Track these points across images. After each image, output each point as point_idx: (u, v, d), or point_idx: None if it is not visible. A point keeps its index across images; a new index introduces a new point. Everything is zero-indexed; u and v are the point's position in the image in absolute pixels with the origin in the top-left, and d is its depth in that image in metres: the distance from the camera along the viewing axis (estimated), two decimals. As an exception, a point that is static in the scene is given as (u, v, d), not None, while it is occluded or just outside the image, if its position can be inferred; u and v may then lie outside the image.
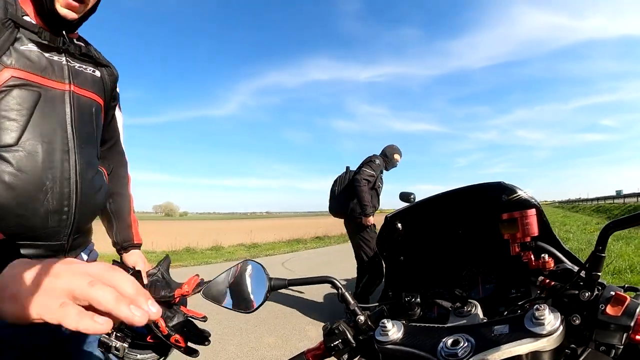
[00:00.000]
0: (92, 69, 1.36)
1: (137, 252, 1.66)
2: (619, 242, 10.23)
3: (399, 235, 1.09)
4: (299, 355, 0.95)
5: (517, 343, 0.66)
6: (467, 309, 0.86)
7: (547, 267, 0.82)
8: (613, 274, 6.60)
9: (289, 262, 11.49)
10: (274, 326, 5.16)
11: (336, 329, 0.92)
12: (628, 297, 0.65)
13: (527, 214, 0.85)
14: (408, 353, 0.76)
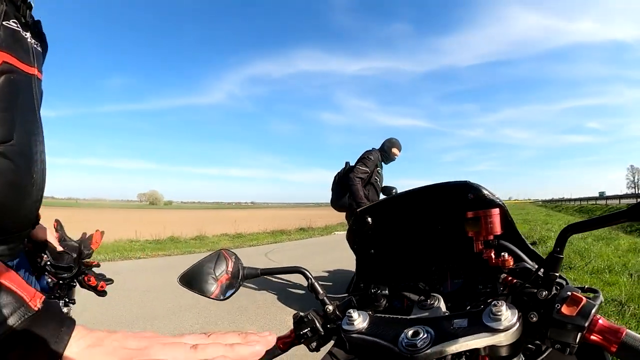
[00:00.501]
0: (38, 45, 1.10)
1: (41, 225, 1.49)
2: (599, 242, 10.33)
3: (369, 229, 1.12)
4: None
5: (475, 337, 0.68)
6: (430, 302, 0.88)
7: (507, 265, 0.84)
8: (592, 273, 6.66)
9: (272, 253, 11.48)
10: (255, 316, 5.19)
11: (305, 318, 0.97)
12: (584, 298, 0.67)
13: (490, 213, 0.88)
14: (371, 342, 0.79)
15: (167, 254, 11.31)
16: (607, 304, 4.76)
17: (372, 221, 1.12)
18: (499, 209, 0.90)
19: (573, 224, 0.69)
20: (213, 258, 1.10)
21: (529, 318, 0.71)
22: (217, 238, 16.35)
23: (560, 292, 0.70)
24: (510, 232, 0.94)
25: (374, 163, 5.73)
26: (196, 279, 1.07)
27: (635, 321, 4.15)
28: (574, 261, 7.60)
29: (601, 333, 0.65)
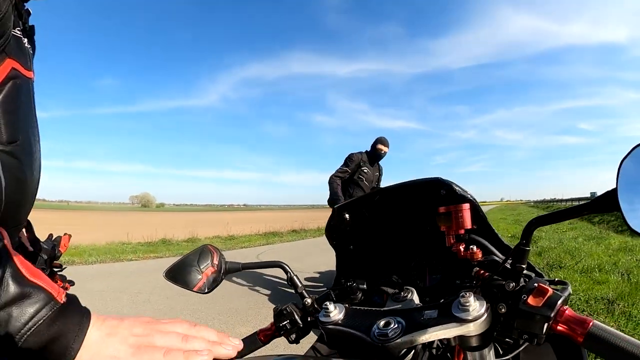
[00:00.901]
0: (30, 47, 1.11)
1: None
2: (590, 242, 10.41)
3: (347, 225, 1.14)
4: (252, 335, 1.02)
5: (443, 327, 0.71)
6: (403, 294, 0.92)
7: (475, 258, 0.86)
8: (582, 272, 6.70)
9: (264, 255, 11.47)
10: (246, 316, 5.20)
11: (284, 310, 1.01)
12: (550, 289, 0.68)
13: (461, 208, 0.90)
14: (346, 333, 0.82)
15: (159, 256, 11.27)
16: (597, 302, 4.81)
17: (349, 217, 1.14)
18: (470, 204, 0.92)
19: (538, 217, 0.72)
20: (197, 253, 1.13)
21: (497, 309, 0.72)
22: (209, 240, 16.29)
23: (528, 284, 0.72)
24: (483, 227, 0.96)
25: (356, 163, 6.14)
26: (181, 273, 1.10)
27: (625, 319, 4.18)
28: (564, 260, 7.66)
29: (567, 323, 0.66)
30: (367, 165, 6.19)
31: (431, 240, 1.02)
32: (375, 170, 6.33)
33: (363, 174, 6.13)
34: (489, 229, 0.96)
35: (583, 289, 5.42)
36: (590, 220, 16.80)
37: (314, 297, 1.02)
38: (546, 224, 0.71)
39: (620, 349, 0.60)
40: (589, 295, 5.09)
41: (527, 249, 0.73)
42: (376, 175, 6.35)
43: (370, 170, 6.21)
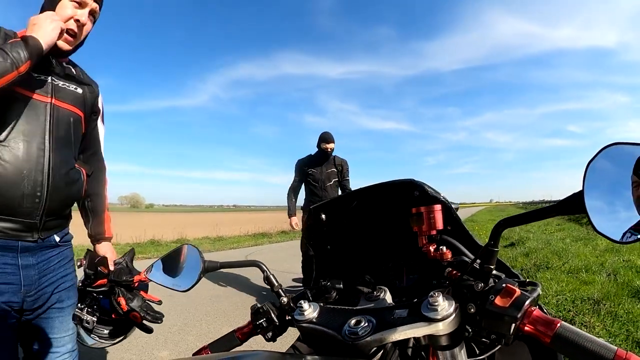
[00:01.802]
0: (74, 86, 1.73)
1: (107, 244, 2.04)
2: (577, 242, 10.48)
3: (323, 225, 1.16)
4: (230, 334, 1.07)
5: (412, 326, 0.72)
6: (376, 294, 0.94)
7: (445, 258, 0.87)
8: (569, 272, 6.74)
9: (253, 256, 11.42)
10: (234, 317, 5.19)
11: (261, 309, 1.04)
12: (518, 290, 0.69)
13: (433, 209, 0.90)
14: (319, 331, 0.84)
15: (147, 257, 11.20)
16: (583, 302, 4.84)
17: (325, 218, 1.16)
18: (441, 205, 0.93)
19: (505, 219, 0.72)
20: (177, 252, 1.18)
21: (467, 309, 0.73)
22: (198, 241, 16.27)
23: (496, 285, 0.73)
24: (456, 228, 0.97)
25: (299, 170, 6.23)
26: (161, 271, 1.16)
27: (611, 319, 4.22)
28: (551, 261, 7.70)
29: (535, 324, 0.67)
30: (313, 167, 6.14)
31: (407, 241, 1.02)
32: (329, 167, 6.17)
33: (310, 176, 6.12)
34: (463, 230, 0.96)
35: (570, 289, 5.46)
36: (578, 222, 16.92)
37: (290, 295, 1.03)
38: (514, 225, 0.72)
39: (587, 350, 0.61)
40: (575, 296, 5.13)
41: (495, 250, 0.73)
42: (329, 173, 6.16)
43: (318, 170, 6.13)
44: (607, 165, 0.61)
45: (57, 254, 1.75)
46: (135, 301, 1.73)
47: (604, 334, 3.83)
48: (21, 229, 1.56)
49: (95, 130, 1.98)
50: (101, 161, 2.06)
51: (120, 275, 1.77)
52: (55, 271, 1.72)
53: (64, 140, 1.67)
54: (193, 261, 1.11)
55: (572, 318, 4.38)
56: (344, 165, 6.29)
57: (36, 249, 1.63)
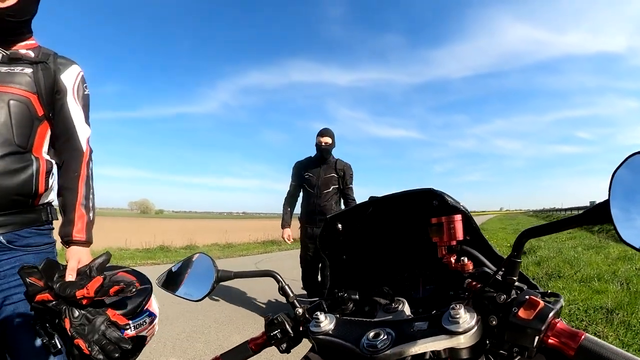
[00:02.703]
0: (20, 68, 1.61)
1: (77, 248, 1.66)
2: (589, 251, 10.40)
3: (339, 235, 1.14)
4: (243, 344, 1.03)
5: (433, 339, 0.70)
6: (394, 305, 0.91)
7: (466, 269, 0.85)
8: (581, 281, 6.68)
9: (262, 264, 11.42)
10: (242, 325, 5.18)
11: (276, 320, 1.00)
12: (541, 302, 0.68)
13: (453, 219, 0.88)
14: (336, 343, 0.82)
15: (157, 262, 11.25)
16: (596, 311, 4.79)
17: (342, 227, 1.13)
18: (462, 215, 0.91)
19: (529, 229, 0.71)
20: (189, 260, 1.16)
21: (488, 322, 0.72)
22: (207, 248, 16.30)
23: (519, 296, 0.71)
24: (476, 238, 0.95)
25: (295, 173, 5.63)
26: (173, 280, 1.14)
27: (624, 328, 4.16)
28: (563, 270, 7.63)
29: (559, 337, 0.66)
30: (310, 171, 5.44)
31: (424, 251, 1.01)
32: (328, 172, 5.39)
33: (305, 181, 5.46)
34: (482, 240, 0.95)
35: (582, 299, 5.41)
36: (589, 230, 16.79)
37: (305, 306, 1.02)
38: (537, 236, 0.71)
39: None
40: (587, 305, 5.07)
41: (518, 261, 0.72)
42: (327, 178, 5.38)
43: (315, 173, 5.40)
44: (632, 175, 0.60)
45: (9, 258, 1.56)
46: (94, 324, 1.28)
47: (617, 344, 3.76)
48: None
49: (63, 111, 1.74)
50: (77, 149, 1.77)
51: (65, 289, 1.30)
52: (7, 277, 1.55)
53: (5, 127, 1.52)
54: (206, 270, 1.09)
55: (585, 328, 4.32)
56: (347, 170, 5.46)
57: None
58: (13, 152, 1.54)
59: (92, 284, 1.28)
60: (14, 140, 1.55)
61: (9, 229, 1.57)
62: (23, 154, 1.58)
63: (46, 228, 1.72)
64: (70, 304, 1.29)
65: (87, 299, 1.28)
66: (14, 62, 1.61)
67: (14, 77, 1.58)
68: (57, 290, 1.30)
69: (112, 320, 1.30)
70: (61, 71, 1.72)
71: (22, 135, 1.58)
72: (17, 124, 1.56)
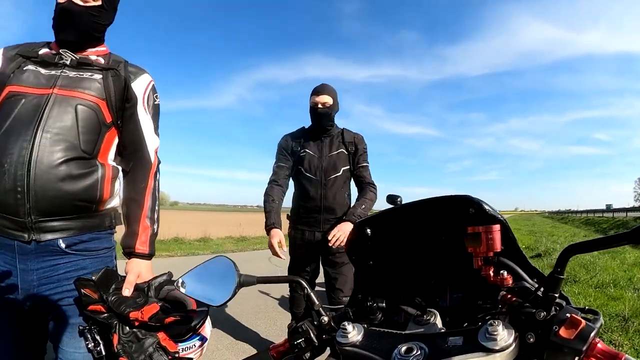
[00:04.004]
0: (90, 73, 1.62)
1: (138, 261, 1.67)
2: (605, 255, 10.27)
3: (368, 240, 1.09)
4: (264, 351, 0.99)
5: (469, 356, 0.67)
6: (426, 317, 0.87)
7: (505, 283, 0.81)
8: (596, 287, 6.61)
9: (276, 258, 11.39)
10: (255, 320, 5.21)
11: (300, 328, 0.97)
12: (583, 321, 0.65)
13: (491, 229, 0.84)
14: (364, 356, 0.78)
15: (171, 254, 11.32)
16: (611, 319, 4.72)
17: (371, 232, 1.09)
18: (500, 225, 0.86)
19: (574, 245, 0.68)
20: (211, 264, 1.11)
21: (526, 339, 0.69)
22: (221, 241, 16.37)
23: (559, 314, 0.68)
24: (511, 249, 0.90)
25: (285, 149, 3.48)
26: (193, 283, 1.09)
27: (639, 337, 4.10)
28: (579, 274, 7.55)
29: (599, 358, 0.63)
30: (307, 146, 3.39)
31: (457, 259, 0.97)
32: (334, 147, 3.37)
33: (301, 161, 3.38)
34: (518, 251, 0.90)
35: (598, 305, 5.34)
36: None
37: (331, 315, 0.98)
38: (583, 252, 0.68)
39: None
40: (603, 312, 4.99)
41: (561, 277, 0.69)
42: (334, 156, 3.35)
43: (316, 150, 3.37)
44: None
45: (66, 262, 1.54)
46: (143, 344, 1.30)
47: (632, 353, 3.72)
48: (13, 227, 1.45)
49: (133, 121, 1.73)
50: (144, 160, 1.78)
51: (119, 305, 1.33)
52: (60, 282, 1.52)
53: (62, 131, 1.50)
54: (227, 274, 1.05)
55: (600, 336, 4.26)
56: (359, 143, 3.44)
57: (35, 252, 1.48)
58: (78, 157, 1.53)
59: (148, 309, 1.32)
60: (79, 145, 1.53)
61: (70, 233, 1.55)
62: (89, 160, 1.57)
63: (107, 232, 1.70)
64: (122, 321, 1.32)
65: (138, 321, 1.30)
66: (83, 67, 1.62)
67: (83, 82, 1.59)
68: (111, 304, 1.33)
69: (162, 345, 1.32)
70: (132, 79, 1.72)
71: (89, 141, 1.57)
72: (84, 130, 1.55)
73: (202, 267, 1.11)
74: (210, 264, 1.11)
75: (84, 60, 1.63)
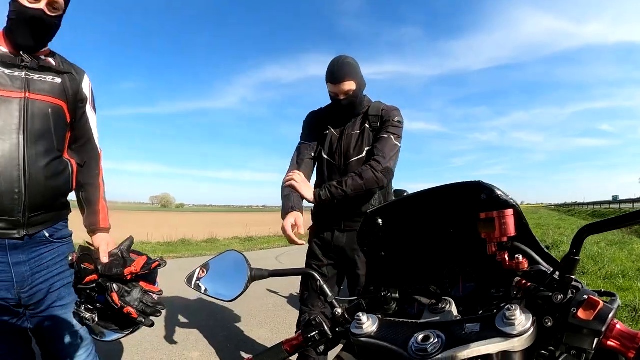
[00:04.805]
0: (52, 77, 1.74)
1: (103, 235, 1.91)
2: (613, 247, 10.22)
3: (379, 230, 1.07)
4: (277, 346, 0.97)
5: (487, 342, 0.67)
6: (441, 306, 0.87)
7: (521, 267, 0.81)
8: (605, 278, 6.59)
9: (283, 257, 11.45)
10: (265, 319, 5.21)
11: (314, 320, 0.96)
12: (601, 302, 0.65)
13: (504, 214, 0.83)
14: (380, 346, 0.78)
15: (178, 256, 11.34)
16: (621, 310, 4.69)
17: (382, 222, 1.07)
18: (513, 210, 0.86)
19: (590, 224, 0.68)
20: (221, 259, 1.12)
21: (543, 323, 0.69)
22: (228, 241, 16.38)
23: (577, 296, 0.68)
24: (524, 234, 0.89)
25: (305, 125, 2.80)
26: (204, 279, 1.09)
27: (649, 327, 4.08)
28: (587, 266, 7.52)
29: (618, 338, 0.63)
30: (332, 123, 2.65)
31: (468, 247, 0.97)
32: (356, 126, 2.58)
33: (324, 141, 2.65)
34: (531, 236, 0.90)
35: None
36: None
37: (344, 306, 0.98)
38: (600, 232, 0.67)
39: None
40: (612, 303, 4.97)
41: (577, 259, 0.69)
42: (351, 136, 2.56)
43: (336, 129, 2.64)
44: None
45: (50, 250, 1.77)
46: (132, 294, 1.57)
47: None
48: (5, 227, 1.59)
49: (84, 118, 1.93)
50: (94, 150, 1.99)
51: (111, 269, 1.58)
52: (49, 268, 1.75)
53: (42, 133, 1.66)
54: (239, 269, 1.04)
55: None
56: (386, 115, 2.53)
57: (25, 245, 1.66)
58: (56, 157, 1.73)
59: (138, 261, 1.61)
60: (55, 146, 1.73)
61: (50, 224, 1.76)
62: (61, 158, 1.77)
63: (67, 220, 1.92)
64: (115, 281, 1.56)
65: (131, 275, 1.57)
66: (45, 70, 1.72)
67: (47, 86, 1.71)
68: (103, 270, 1.57)
69: (147, 290, 1.60)
70: (82, 81, 1.88)
71: (59, 140, 1.76)
72: (56, 131, 1.73)
73: (212, 262, 1.11)
74: (220, 258, 1.11)
75: (44, 64, 1.73)
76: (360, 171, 2.32)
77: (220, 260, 1.12)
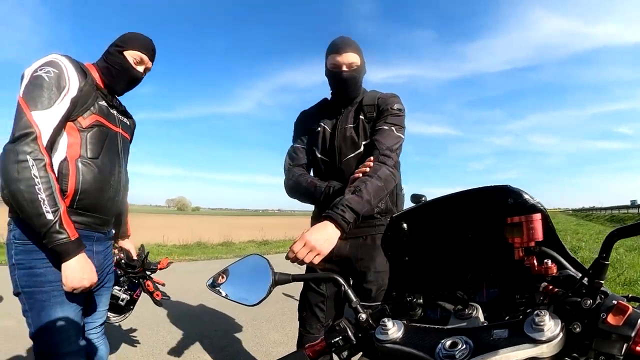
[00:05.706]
0: (126, 119, 2.24)
1: (129, 241, 2.78)
2: (632, 252, 10.09)
3: (404, 235, 1.07)
4: (299, 351, 0.96)
5: (515, 348, 0.66)
6: (468, 311, 0.86)
7: (550, 272, 0.80)
8: (624, 284, 6.51)
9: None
10: (281, 323, 5.20)
11: (337, 326, 0.94)
12: (630, 307, 0.64)
13: (532, 219, 0.83)
14: (406, 353, 0.77)
15: (194, 259, 11.43)
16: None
17: (407, 227, 1.07)
18: (541, 214, 0.85)
19: (620, 228, 0.67)
20: (243, 262, 1.11)
21: (572, 328, 0.68)
22: (243, 244, 16.46)
23: (605, 301, 0.67)
24: (551, 239, 0.88)
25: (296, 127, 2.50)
26: (225, 283, 1.09)
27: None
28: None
29: None
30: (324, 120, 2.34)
31: (493, 252, 0.95)
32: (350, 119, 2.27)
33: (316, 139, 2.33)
34: (557, 241, 0.89)
35: (627, 303, 5.24)
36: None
37: (368, 312, 0.96)
38: (630, 236, 0.66)
39: None
40: (633, 310, 4.90)
41: (606, 263, 0.68)
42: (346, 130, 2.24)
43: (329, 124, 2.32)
44: None
45: (109, 246, 2.23)
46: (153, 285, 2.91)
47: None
48: (100, 223, 2.04)
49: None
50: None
51: (150, 265, 2.87)
52: (108, 257, 2.20)
53: (126, 160, 2.21)
54: (261, 273, 1.04)
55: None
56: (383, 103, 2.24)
57: (103, 239, 2.12)
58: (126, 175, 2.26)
59: (164, 260, 3.04)
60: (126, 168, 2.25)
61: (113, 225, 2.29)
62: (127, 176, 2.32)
63: None
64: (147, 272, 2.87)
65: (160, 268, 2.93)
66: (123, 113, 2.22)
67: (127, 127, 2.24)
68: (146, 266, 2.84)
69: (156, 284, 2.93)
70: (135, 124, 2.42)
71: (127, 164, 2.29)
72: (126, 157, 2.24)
73: (234, 266, 1.10)
74: (242, 262, 1.10)
75: (123, 109, 2.24)
76: (374, 171, 1.95)
77: (241, 264, 1.11)
